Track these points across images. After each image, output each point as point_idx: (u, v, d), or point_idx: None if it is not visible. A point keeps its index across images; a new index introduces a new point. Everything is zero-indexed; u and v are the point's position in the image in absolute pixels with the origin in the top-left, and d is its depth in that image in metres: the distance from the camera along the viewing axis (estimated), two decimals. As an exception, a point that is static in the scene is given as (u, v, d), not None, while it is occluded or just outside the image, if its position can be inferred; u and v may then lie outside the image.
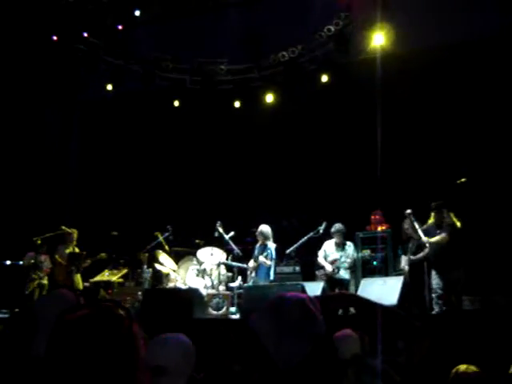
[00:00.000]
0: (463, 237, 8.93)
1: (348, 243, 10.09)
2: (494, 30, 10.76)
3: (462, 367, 3.36)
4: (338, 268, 9.88)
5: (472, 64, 10.92)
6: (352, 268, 10.03)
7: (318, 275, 10.08)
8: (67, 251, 11.28)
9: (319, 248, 10.26)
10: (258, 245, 10.38)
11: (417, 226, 9.13)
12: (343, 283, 9.90)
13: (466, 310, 8.46)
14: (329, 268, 9.87)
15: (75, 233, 11.52)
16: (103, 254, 11.21)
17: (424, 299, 8.94)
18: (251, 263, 10.32)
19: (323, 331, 2.01)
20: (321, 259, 10.09)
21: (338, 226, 10.08)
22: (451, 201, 9.22)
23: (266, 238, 10.19)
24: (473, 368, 3.34)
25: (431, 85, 11.29)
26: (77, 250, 11.42)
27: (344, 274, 9.93)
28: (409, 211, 9.13)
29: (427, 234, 9.06)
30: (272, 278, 10.04)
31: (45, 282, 11.16)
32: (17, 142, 13.57)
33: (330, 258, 10.01)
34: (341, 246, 10.05)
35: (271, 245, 10.19)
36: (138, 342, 1.67)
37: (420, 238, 9.04)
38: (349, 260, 9.95)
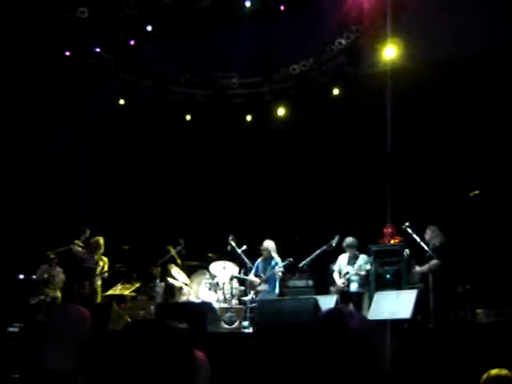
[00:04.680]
0: (455, 254, 9.14)
1: (361, 256, 10.02)
2: (507, 41, 10.73)
3: (494, 371, 3.35)
4: (349, 280, 9.80)
5: (484, 77, 10.87)
6: (365, 281, 9.95)
7: (331, 290, 10.02)
8: (96, 259, 10.99)
9: (332, 262, 10.22)
10: (260, 260, 10.48)
11: (417, 238, 9.35)
12: (355, 297, 9.82)
13: (482, 323, 8.36)
14: (339, 282, 9.83)
15: (100, 240, 11.16)
16: (118, 266, 10.98)
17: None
18: (255, 278, 10.37)
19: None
20: (335, 274, 10.05)
21: (348, 240, 10.03)
22: (464, 214, 9.22)
23: (270, 252, 10.36)
24: (505, 371, 3.32)
25: (443, 98, 11.24)
26: (104, 258, 11.11)
27: (356, 287, 9.85)
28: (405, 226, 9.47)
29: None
30: (278, 291, 10.20)
31: (58, 294, 11.01)
32: (29, 156, 13.66)
33: (343, 272, 9.96)
34: (353, 260, 9.99)
35: (278, 258, 10.27)
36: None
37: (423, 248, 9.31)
38: (361, 273, 9.86)
